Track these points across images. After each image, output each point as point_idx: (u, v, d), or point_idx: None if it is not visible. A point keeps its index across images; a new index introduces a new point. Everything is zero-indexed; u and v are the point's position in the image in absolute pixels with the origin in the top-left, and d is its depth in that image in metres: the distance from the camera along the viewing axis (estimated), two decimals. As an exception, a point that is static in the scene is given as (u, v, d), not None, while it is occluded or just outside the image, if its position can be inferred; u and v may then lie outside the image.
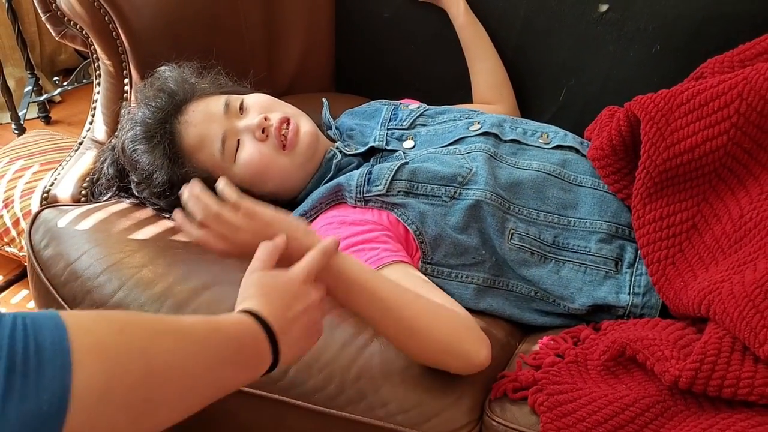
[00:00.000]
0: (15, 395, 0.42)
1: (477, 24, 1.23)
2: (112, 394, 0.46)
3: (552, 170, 0.96)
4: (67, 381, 0.44)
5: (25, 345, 0.43)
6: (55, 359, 0.44)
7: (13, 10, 2.01)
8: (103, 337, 0.47)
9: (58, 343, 0.44)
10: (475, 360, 0.77)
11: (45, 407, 0.43)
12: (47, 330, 0.45)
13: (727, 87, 0.80)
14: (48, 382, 0.43)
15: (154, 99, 0.99)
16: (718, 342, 0.71)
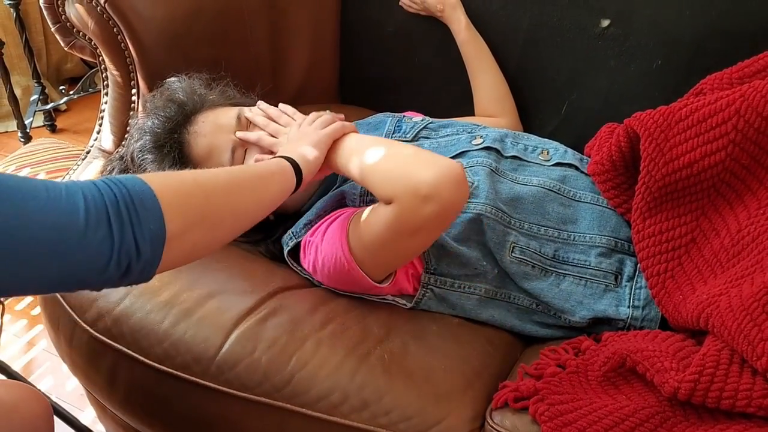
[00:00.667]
0: (134, 221, 0.59)
1: (478, 39, 1.25)
2: (189, 215, 0.64)
3: (552, 186, 0.97)
4: (158, 209, 0.61)
5: (125, 189, 0.59)
6: (147, 198, 0.60)
7: (20, 20, 2.04)
8: (167, 179, 0.65)
9: (141, 184, 0.61)
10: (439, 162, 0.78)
11: (153, 226, 0.60)
12: (129, 180, 0.61)
13: (725, 104, 0.82)
14: (150, 211, 0.60)
15: (164, 109, 1.00)
16: (716, 354, 0.72)
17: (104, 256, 0.57)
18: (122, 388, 0.90)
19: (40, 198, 0.55)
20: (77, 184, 0.59)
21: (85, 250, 0.56)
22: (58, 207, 0.56)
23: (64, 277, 0.57)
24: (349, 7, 1.37)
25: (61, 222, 0.55)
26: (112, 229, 0.57)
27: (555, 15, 1.19)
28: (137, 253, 0.59)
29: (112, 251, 0.57)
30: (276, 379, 0.82)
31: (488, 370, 0.86)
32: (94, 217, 0.57)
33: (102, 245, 0.57)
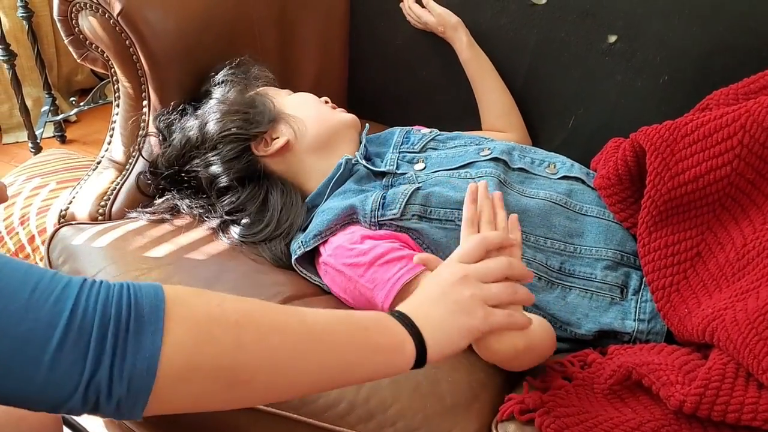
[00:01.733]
0: (118, 352, 0.48)
1: (481, 57, 1.26)
2: (199, 360, 0.50)
3: (558, 200, 0.98)
4: (158, 343, 0.49)
5: (128, 309, 0.49)
6: (150, 324, 0.49)
7: (33, 32, 2.06)
8: (195, 307, 0.52)
9: (155, 311, 0.50)
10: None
11: (139, 364, 0.48)
12: (147, 298, 0.50)
13: (731, 119, 0.82)
14: (142, 344, 0.49)
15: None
16: (722, 368, 0.72)
17: (67, 385, 0.48)
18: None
19: (16, 300, 0.47)
20: (78, 286, 0.49)
21: (49, 374, 0.47)
22: (33, 317, 0.47)
23: (18, 397, 0.48)
24: (357, 21, 1.39)
25: (33, 334, 0.47)
26: (87, 356, 0.48)
27: (563, 30, 1.20)
28: (108, 391, 0.48)
29: (79, 381, 0.48)
30: (283, 388, 0.82)
31: (494, 382, 0.86)
32: (74, 336, 0.47)
33: (70, 370, 0.47)
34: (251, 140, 1.05)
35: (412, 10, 1.30)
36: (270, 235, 1.03)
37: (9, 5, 2.08)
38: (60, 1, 1.13)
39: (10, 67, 1.96)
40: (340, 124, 1.10)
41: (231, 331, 0.52)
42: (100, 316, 0.48)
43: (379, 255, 0.89)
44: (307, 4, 1.34)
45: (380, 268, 0.88)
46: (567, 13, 1.19)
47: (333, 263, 0.94)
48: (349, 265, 0.91)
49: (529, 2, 1.22)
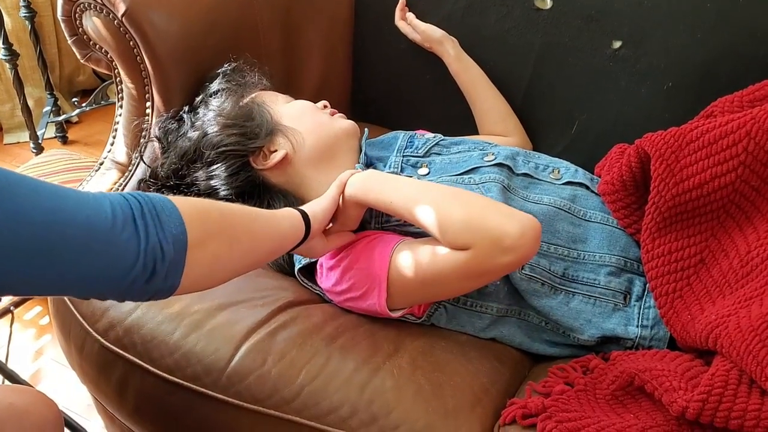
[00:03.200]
0: (159, 223, 0.62)
1: (471, 67, 1.26)
2: (208, 227, 0.68)
3: (562, 205, 0.98)
4: (180, 217, 0.64)
5: (146, 199, 0.63)
6: (167, 206, 0.64)
7: (35, 32, 2.06)
8: (189, 200, 0.68)
9: (165, 200, 0.65)
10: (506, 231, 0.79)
11: (175, 230, 0.63)
12: (152, 195, 0.64)
13: (736, 126, 0.82)
14: (171, 218, 0.63)
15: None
16: (725, 374, 0.72)
17: (132, 254, 0.59)
18: (132, 398, 0.91)
19: (70, 197, 0.58)
20: (101, 192, 0.62)
21: (114, 248, 0.59)
22: (87, 206, 0.58)
23: (92, 276, 0.58)
24: (361, 25, 1.39)
25: (91, 220, 0.58)
26: (138, 230, 0.60)
27: (567, 36, 1.20)
28: (162, 254, 0.61)
29: (138, 250, 0.60)
30: (286, 391, 0.82)
31: (496, 387, 0.86)
32: (121, 218, 0.59)
33: (129, 243, 0.59)
34: (249, 155, 1.04)
35: (399, 28, 1.31)
36: None
37: (12, 5, 2.08)
38: (64, 1, 1.13)
39: (12, 67, 1.96)
40: (339, 133, 1.08)
41: (217, 212, 0.71)
42: (133, 203, 0.61)
43: (367, 241, 0.92)
44: (312, 8, 1.34)
45: (376, 245, 0.91)
46: (572, 18, 1.19)
47: (327, 260, 0.95)
48: (343, 257, 0.92)
49: (533, 7, 1.22)
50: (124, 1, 1.07)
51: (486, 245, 0.79)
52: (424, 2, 1.31)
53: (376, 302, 0.88)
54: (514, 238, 0.78)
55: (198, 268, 0.66)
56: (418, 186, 0.89)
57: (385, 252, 0.89)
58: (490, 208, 0.82)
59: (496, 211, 0.82)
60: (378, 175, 0.92)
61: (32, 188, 0.56)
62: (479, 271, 0.82)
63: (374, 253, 0.90)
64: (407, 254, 0.87)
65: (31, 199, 0.55)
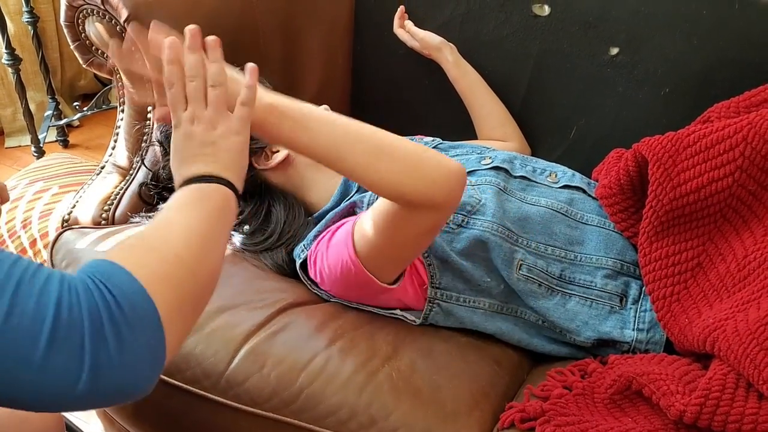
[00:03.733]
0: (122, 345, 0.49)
1: (469, 73, 1.27)
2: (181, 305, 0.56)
3: (559, 208, 0.98)
4: (154, 309, 0.52)
5: (115, 299, 0.50)
6: (139, 301, 0.51)
7: (38, 37, 2.07)
8: (158, 264, 0.56)
9: (135, 291, 0.52)
10: (448, 165, 0.77)
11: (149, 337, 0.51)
12: (119, 280, 0.52)
13: (733, 131, 0.83)
14: (144, 319, 0.51)
15: None
16: (722, 378, 0.72)
17: (71, 380, 0.47)
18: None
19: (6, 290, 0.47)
20: (57, 284, 0.49)
21: (44, 372, 0.47)
22: (17, 311, 0.46)
23: (20, 396, 0.48)
24: (361, 30, 1.40)
25: (16, 336, 0.46)
26: (84, 352, 0.47)
27: (565, 42, 1.21)
28: (124, 375, 0.50)
29: (79, 376, 0.47)
30: (285, 394, 0.83)
31: (495, 390, 0.86)
32: (63, 333, 0.47)
33: (67, 368, 0.47)
34: (251, 155, 1.05)
35: (398, 36, 1.32)
36: (272, 246, 1.03)
37: (15, 10, 2.09)
38: (67, 7, 1.14)
39: (14, 72, 1.97)
40: None
41: (186, 275, 0.58)
42: (89, 308, 0.48)
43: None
44: (313, 14, 1.34)
45: (342, 228, 0.91)
46: (569, 24, 1.20)
47: (314, 249, 0.95)
48: (323, 240, 0.93)
49: (531, 14, 1.23)
50: (126, 7, 1.07)
51: (416, 198, 0.77)
52: (423, 9, 1.31)
53: (363, 277, 0.87)
54: (446, 194, 0.77)
55: (169, 357, 0.54)
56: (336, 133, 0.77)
57: (348, 228, 0.89)
58: (420, 156, 0.78)
59: (425, 159, 0.77)
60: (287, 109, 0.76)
61: None
62: (415, 224, 0.80)
63: (341, 231, 0.91)
64: (360, 222, 0.86)
65: None
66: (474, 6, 1.27)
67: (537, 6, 1.23)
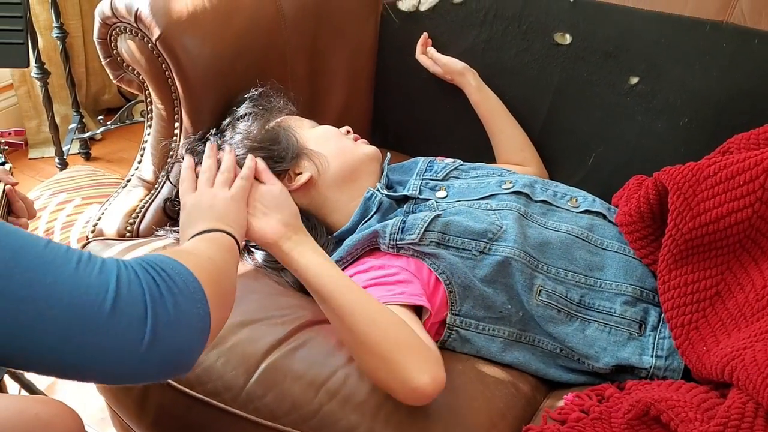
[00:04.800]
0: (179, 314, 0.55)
1: (491, 98, 1.29)
2: (218, 292, 0.63)
3: (580, 233, 0.99)
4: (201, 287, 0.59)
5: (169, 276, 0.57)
6: (190, 279, 0.59)
7: (66, 52, 2.12)
8: (196, 259, 0.66)
9: (184, 271, 0.59)
10: (412, 381, 0.77)
11: (198, 308, 0.58)
12: (169, 264, 0.58)
13: (753, 163, 0.84)
14: (194, 293, 0.58)
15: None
16: (741, 407, 0.73)
17: (133, 344, 0.52)
18: (152, 411, 0.92)
19: (65, 271, 0.51)
20: (114, 264, 0.54)
21: (109, 335, 0.51)
22: (83, 281, 0.51)
23: (84, 365, 0.51)
24: (385, 53, 1.43)
25: (82, 300, 0.50)
26: (147, 317, 0.52)
27: (585, 70, 1.23)
28: (179, 344, 0.54)
29: (141, 340, 0.52)
30: (304, 410, 0.84)
31: (512, 413, 0.87)
32: (126, 301, 0.52)
33: (129, 332, 0.52)
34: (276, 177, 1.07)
35: (421, 62, 1.35)
36: None
37: (45, 26, 2.14)
38: (101, 24, 1.17)
39: (42, 85, 2.01)
40: (362, 158, 1.11)
41: (218, 274, 0.67)
42: (147, 282, 0.54)
43: (370, 284, 0.93)
44: (338, 36, 1.37)
45: (374, 287, 0.92)
46: (590, 54, 1.22)
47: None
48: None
49: (553, 42, 1.25)
50: (159, 26, 1.10)
51: (390, 386, 0.80)
52: (447, 36, 1.34)
53: None
54: (424, 393, 0.78)
55: (213, 328, 0.61)
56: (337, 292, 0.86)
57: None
58: (399, 344, 0.80)
59: (403, 348, 0.80)
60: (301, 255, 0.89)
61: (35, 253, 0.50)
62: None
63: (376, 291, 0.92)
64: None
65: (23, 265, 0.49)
66: (496, 33, 1.29)
67: (558, 35, 1.25)
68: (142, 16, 1.09)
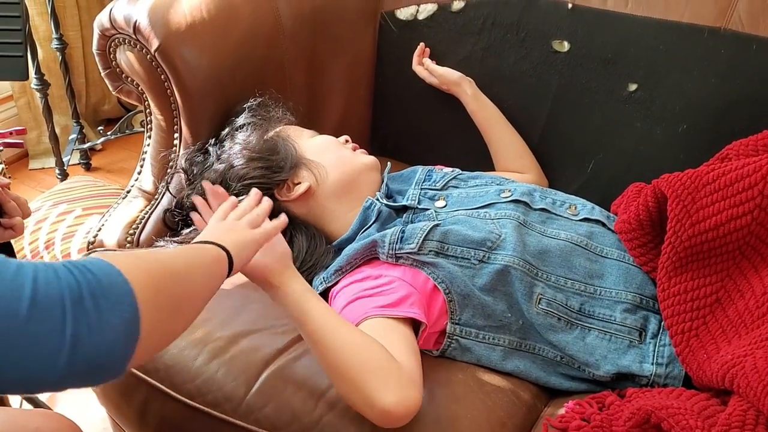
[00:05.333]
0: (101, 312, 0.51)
1: (488, 107, 1.30)
2: (158, 294, 0.58)
3: (579, 241, 0.99)
4: (129, 288, 0.54)
5: (94, 279, 0.52)
6: (116, 279, 0.53)
7: (65, 63, 2.13)
8: (136, 260, 0.59)
9: (116, 274, 0.54)
10: (377, 403, 0.76)
11: (124, 311, 0.53)
12: (95, 263, 0.54)
13: (752, 169, 0.84)
14: (120, 295, 0.53)
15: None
16: (742, 414, 0.73)
17: (51, 350, 0.48)
18: (153, 422, 0.92)
19: None
20: (32, 266, 0.51)
21: (22, 341, 0.48)
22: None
23: (2, 370, 0.48)
24: (383, 62, 1.43)
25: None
26: (65, 321, 0.49)
27: (584, 77, 1.23)
28: (102, 349, 0.51)
29: (61, 346, 0.48)
30: (305, 420, 0.84)
31: (513, 421, 0.87)
32: (42, 305, 0.48)
33: (45, 337, 0.48)
34: (274, 187, 1.07)
35: (417, 73, 1.35)
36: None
37: (44, 37, 2.15)
38: (99, 36, 1.17)
39: (42, 96, 2.02)
40: (361, 168, 1.12)
41: (168, 275, 0.62)
42: (68, 284, 0.50)
43: (363, 294, 0.92)
44: (337, 46, 1.38)
45: (357, 304, 0.91)
46: (589, 60, 1.23)
47: (334, 294, 0.97)
48: (340, 297, 0.95)
49: (551, 49, 1.26)
50: (158, 37, 1.11)
51: (359, 406, 0.79)
52: (445, 44, 1.35)
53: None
54: (392, 413, 0.77)
55: (146, 350, 0.56)
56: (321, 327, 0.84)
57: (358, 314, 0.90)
58: (368, 365, 0.79)
59: (372, 371, 0.79)
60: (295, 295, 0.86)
61: None
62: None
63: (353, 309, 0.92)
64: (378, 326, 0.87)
65: None
66: (495, 41, 1.30)
67: (557, 42, 1.25)
68: (141, 28, 1.09)
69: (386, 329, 0.87)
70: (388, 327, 0.87)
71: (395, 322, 0.88)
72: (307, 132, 1.17)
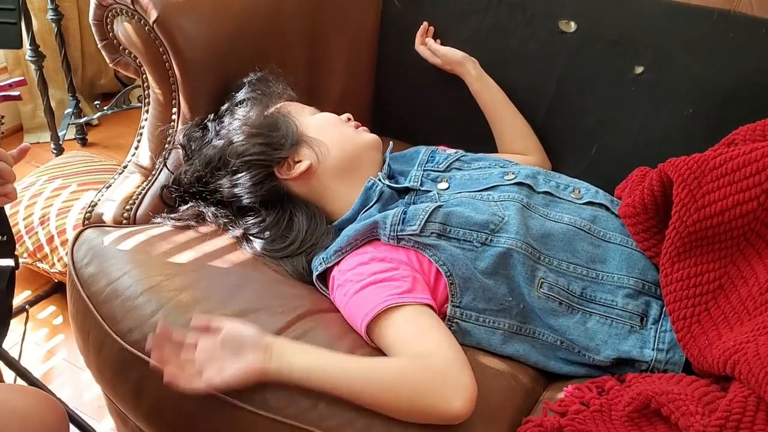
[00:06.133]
0: None
1: (492, 87, 1.28)
2: None
3: (582, 225, 0.98)
4: None
5: None
6: None
7: (61, 35, 2.09)
8: None
9: None
10: (449, 414, 0.77)
11: None
12: None
13: (760, 155, 0.83)
14: None
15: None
16: (743, 401, 0.72)
17: None
18: (148, 400, 0.91)
19: None
20: None
21: None
22: None
23: None
24: (386, 40, 1.41)
25: None
26: None
27: (590, 59, 1.22)
28: None
29: None
30: (303, 402, 0.83)
31: (512, 405, 0.86)
32: None
33: None
34: (274, 165, 1.05)
35: (420, 53, 1.33)
36: (292, 253, 1.04)
37: (39, 7, 2.11)
38: (96, 6, 1.15)
39: (37, 69, 1.99)
40: (363, 147, 1.10)
41: None
42: None
43: (376, 279, 0.91)
44: (339, 21, 1.36)
45: (372, 290, 0.90)
46: (595, 41, 1.21)
47: (338, 276, 0.96)
48: (348, 281, 0.93)
49: (557, 30, 1.24)
50: (156, 8, 1.09)
51: (433, 419, 0.78)
52: (449, 22, 1.32)
53: (359, 320, 0.90)
54: (462, 414, 0.77)
55: None
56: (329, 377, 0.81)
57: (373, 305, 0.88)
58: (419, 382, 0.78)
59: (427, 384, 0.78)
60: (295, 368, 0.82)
61: None
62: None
63: (381, 293, 0.89)
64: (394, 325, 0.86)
65: None
66: (500, 20, 1.28)
67: (563, 22, 1.23)
68: (140, -2, 1.07)
69: (416, 316, 0.86)
70: (415, 313, 0.87)
71: (420, 307, 0.88)
72: (309, 109, 1.16)
